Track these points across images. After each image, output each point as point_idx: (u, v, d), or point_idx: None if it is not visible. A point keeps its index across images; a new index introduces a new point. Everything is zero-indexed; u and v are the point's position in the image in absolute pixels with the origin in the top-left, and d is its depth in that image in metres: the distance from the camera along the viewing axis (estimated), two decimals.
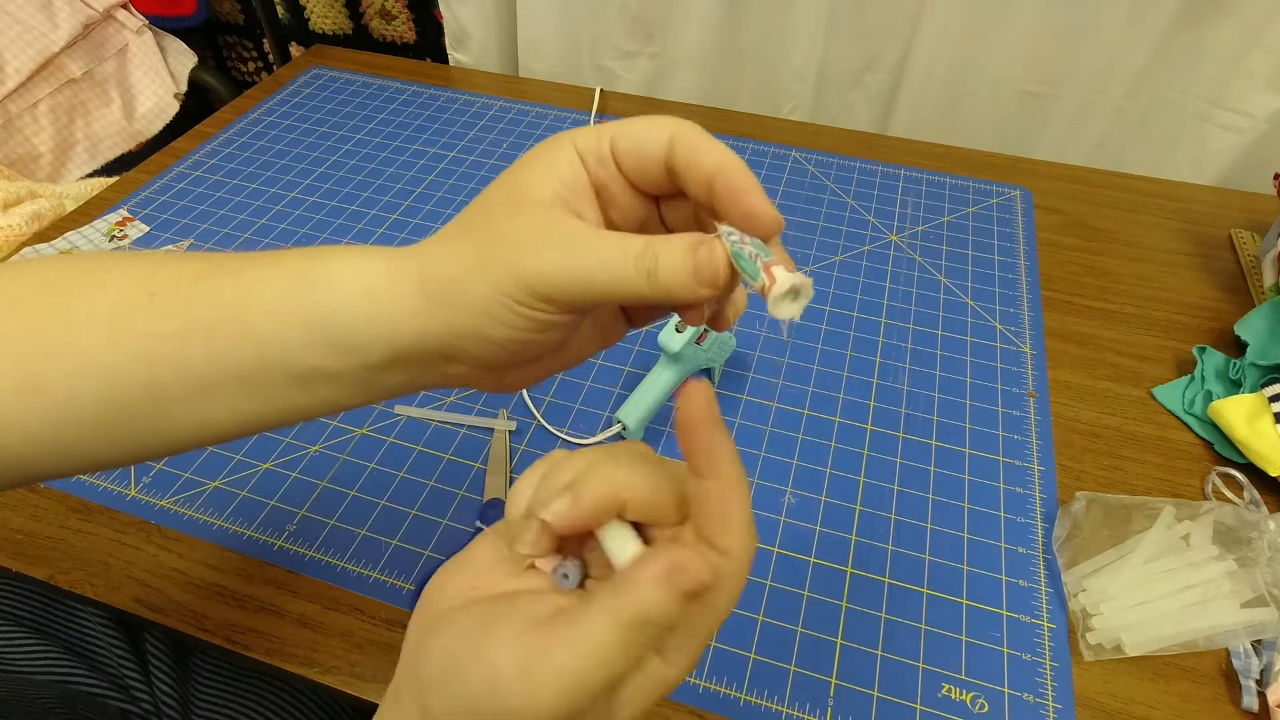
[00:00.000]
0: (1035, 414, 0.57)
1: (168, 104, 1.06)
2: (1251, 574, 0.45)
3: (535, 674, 0.20)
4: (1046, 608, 0.46)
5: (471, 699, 0.20)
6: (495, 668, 0.20)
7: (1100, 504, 0.49)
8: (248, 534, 0.49)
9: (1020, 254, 0.71)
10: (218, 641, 0.44)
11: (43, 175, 0.99)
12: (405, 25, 1.05)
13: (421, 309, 0.24)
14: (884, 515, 0.51)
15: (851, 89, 0.90)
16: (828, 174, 0.80)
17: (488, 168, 0.80)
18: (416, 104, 0.89)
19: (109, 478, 0.52)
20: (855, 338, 0.63)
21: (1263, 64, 0.75)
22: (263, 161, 0.80)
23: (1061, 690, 0.43)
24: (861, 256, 0.70)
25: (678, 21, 0.89)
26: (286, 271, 0.25)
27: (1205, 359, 0.59)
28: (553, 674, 0.20)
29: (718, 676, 0.43)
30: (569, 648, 0.20)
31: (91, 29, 1.00)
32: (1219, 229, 0.74)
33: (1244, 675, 0.43)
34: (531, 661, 0.20)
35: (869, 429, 0.56)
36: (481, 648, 0.21)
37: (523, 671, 0.20)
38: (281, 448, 0.54)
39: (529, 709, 0.19)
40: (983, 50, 0.81)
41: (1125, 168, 0.82)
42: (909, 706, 0.42)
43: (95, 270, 0.27)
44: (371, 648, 0.44)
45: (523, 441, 0.55)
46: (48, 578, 0.47)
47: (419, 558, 0.48)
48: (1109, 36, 0.77)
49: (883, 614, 0.46)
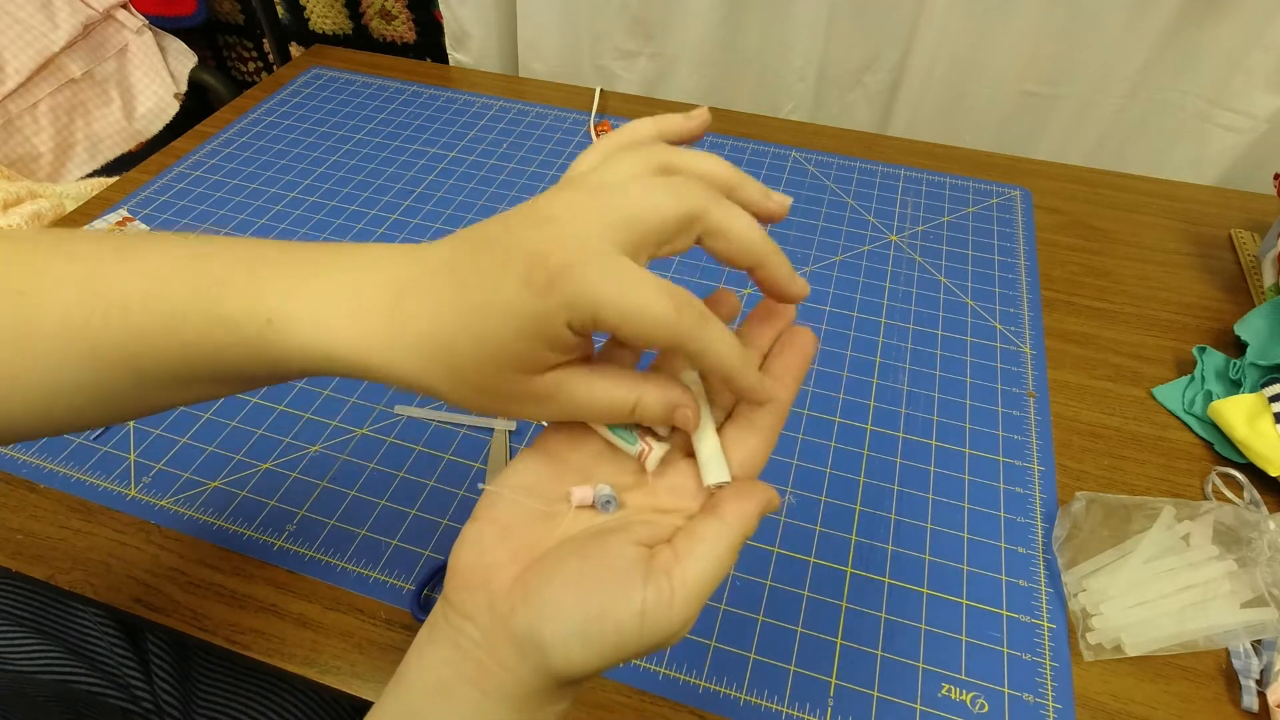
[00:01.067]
0: (1035, 414, 0.57)
1: (168, 104, 1.06)
2: (1251, 574, 0.45)
3: (676, 601, 0.24)
4: (1046, 608, 0.46)
5: (614, 646, 0.24)
6: (637, 613, 0.23)
7: (1100, 504, 0.49)
8: (248, 534, 0.49)
9: (1020, 254, 0.71)
10: (218, 641, 0.44)
11: (43, 175, 0.99)
12: (405, 25, 1.05)
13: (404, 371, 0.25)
14: (884, 515, 0.51)
15: (851, 89, 0.90)
16: (828, 174, 0.80)
17: (488, 168, 0.80)
18: (416, 104, 0.89)
19: (109, 478, 0.52)
20: (855, 338, 0.63)
21: (1263, 64, 0.75)
22: (263, 161, 0.80)
23: (1061, 690, 0.43)
24: (861, 256, 0.70)
25: (678, 21, 0.89)
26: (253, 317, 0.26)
27: (1205, 359, 0.59)
28: (689, 594, 0.24)
29: (718, 676, 0.43)
30: (698, 566, 0.24)
31: (91, 29, 1.00)
32: (1219, 229, 0.74)
33: (1244, 675, 0.43)
34: (669, 595, 0.24)
35: (869, 429, 0.56)
36: (610, 610, 0.23)
37: (665, 602, 0.24)
38: (282, 448, 0.54)
39: (675, 630, 0.24)
40: (983, 50, 0.81)
41: (1125, 168, 0.82)
42: (909, 706, 0.42)
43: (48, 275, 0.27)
44: (371, 648, 0.44)
45: (523, 441, 0.55)
46: (48, 578, 0.47)
47: (419, 558, 0.48)
48: (1109, 36, 0.77)
49: (883, 614, 0.46)
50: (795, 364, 0.28)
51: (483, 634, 0.24)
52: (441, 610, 0.26)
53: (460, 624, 0.25)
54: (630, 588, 0.24)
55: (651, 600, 0.23)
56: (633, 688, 0.43)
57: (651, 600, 0.23)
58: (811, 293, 0.66)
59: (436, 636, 0.26)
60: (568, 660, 0.23)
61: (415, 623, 0.45)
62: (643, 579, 0.24)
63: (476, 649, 0.24)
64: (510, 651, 0.24)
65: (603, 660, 0.24)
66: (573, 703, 0.26)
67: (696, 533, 0.25)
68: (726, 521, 0.25)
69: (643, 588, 0.24)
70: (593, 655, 0.23)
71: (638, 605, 0.23)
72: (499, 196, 0.76)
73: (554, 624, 0.23)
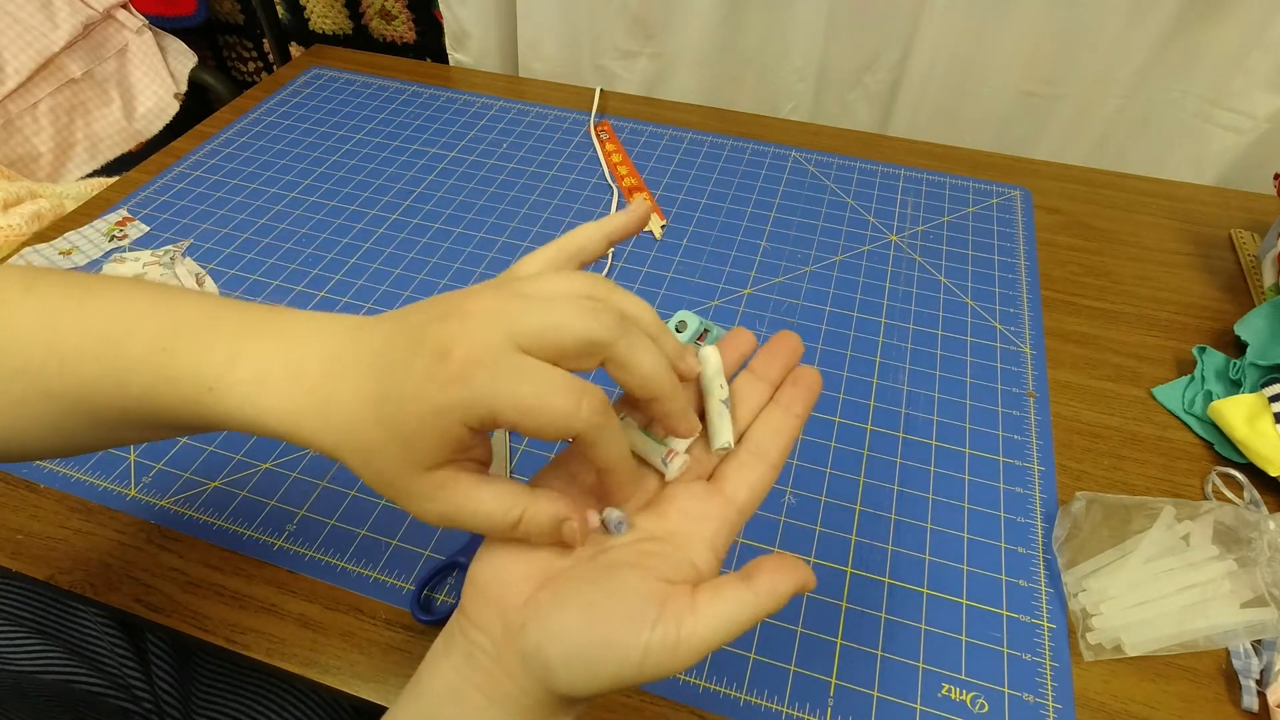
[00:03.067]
0: (1035, 414, 0.57)
1: (168, 104, 1.06)
2: (1251, 574, 0.45)
3: (680, 650, 0.24)
4: (1046, 608, 0.46)
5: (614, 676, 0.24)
6: (640, 652, 0.24)
7: (1100, 504, 0.49)
8: (248, 534, 0.49)
9: (1020, 254, 0.71)
10: (218, 641, 0.44)
11: (43, 175, 0.98)
12: (405, 25, 1.05)
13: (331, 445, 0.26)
14: (884, 515, 0.51)
15: (851, 89, 0.90)
16: (828, 174, 0.80)
17: (488, 168, 0.80)
18: (416, 104, 0.89)
19: (109, 478, 0.52)
20: (855, 338, 0.63)
21: (1263, 64, 0.75)
22: (263, 161, 0.80)
23: (1061, 690, 0.43)
24: (861, 256, 0.70)
25: (678, 21, 0.89)
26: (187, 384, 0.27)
27: (1205, 359, 0.59)
28: (695, 647, 0.24)
29: (718, 676, 0.43)
30: (710, 625, 0.25)
31: (91, 29, 1.00)
32: (1219, 229, 0.74)
33: (1244, 675, 0.43)
34: (674, 643, 0.24)
35: (869, 429, 0.56)
36: (615, 641, 0.24)
37: (669, 648, 0.24)
38: (281, 448, 0.54)
39: (676, 671, 0.24)
40: (983, 50, 0.81)
41: (1125, 168, 0.82)
42: (909, 706, 0.42)
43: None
44: (371, 648, 0.44)
45: (523, 441, 0.55)
46: (48, 578, 0.47)
47: (419, 558, 0.48)
48: (1109, 36, 0.77)
49: (883, 614, 0.46)
50: (802, 396, 0.30)
51: (494, 645, 0.25)
52: (457, 621, 0.27)
53: (474, 635, 0.26)
54: (639, 627, 0.24)
55: (657, 643, 0.24)
56: None
57: (657, 643, 0.24)
58: (811, 293, 0.66)
59: (451, 645, 0.27)
60: (570, 680, 0.24)
61: (415, 623, 0.45)
62: (652, 622, 0.24)
63: (487, 659, 0.25)
64: (517, 664, 0.25)
65: (602, 686, 0.24)
66: (578, 719, 0.27)
67: (722, 592, 0.26)
68: (755, 592, 0.25)
69: (650, 629, 0.24)
70: (593, 680, 0.24)
71: (642, 644, 0.24)
72: (499, 196, 0.76)
73: (560, 645, 0.24)
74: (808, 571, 0.26)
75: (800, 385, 0.31)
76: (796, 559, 0.27)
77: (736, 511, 0.28)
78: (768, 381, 0.31)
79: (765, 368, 0.31)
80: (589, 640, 0.24)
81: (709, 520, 0.28)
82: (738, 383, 0.31)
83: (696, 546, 0.27)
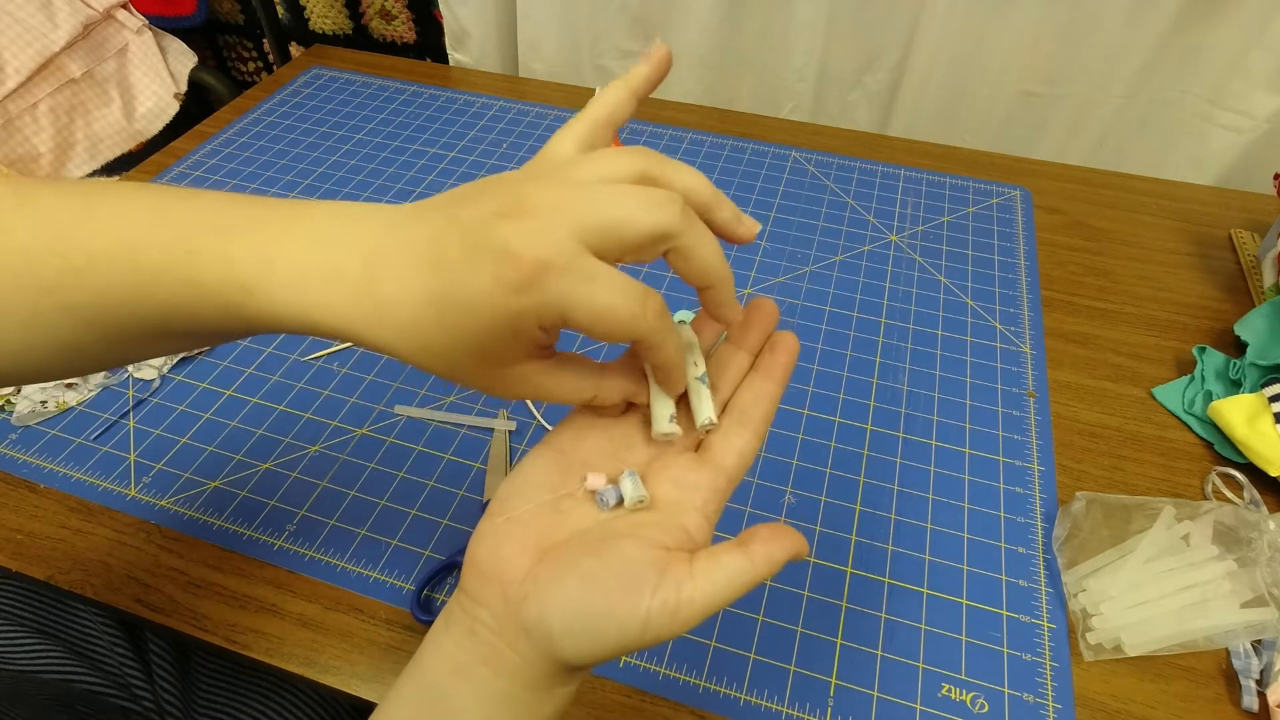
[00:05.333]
0: (1035, 414, 0.57)
1: (168, 104, 1.06)
2: (1251, 574, 0.45)
3: (679, 615, 0.25)
4: (1046, 608, 0.46)
5: (616, 643, 0.25)
6: (641, 618, 0.24)
7: (1100, 504, 0.49)
8: (248, 534, 0.49)
9: (1020, 254, 0.71)
10: (218, 641, 0.44)
11: (43, 175, 0.98)
12: (405, 25, 1.05)
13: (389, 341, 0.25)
14: (884, 515, 0.51)
15: (851, 89, 0.90)
16: (828, 174, 0.80)
17: (488, 168, 0.80)
18: (416, 104, 0.89)
19: (109, 478, 0.52)
20: (855, 338, 0.63)
21: (1263, 64, 0.75)
22: (263, 161, 0.80)
23: (1061, 690, 0.43)
24: (861, 256, 0.70)
25: (678, 21, 0.89)
26: (229, 281, 0.26)
27: (1205, 359, 0.59)
28: (694, 612, 0.25)
29: (718, 676, 0.43)
30: (708, 590, 0.25)
31: (91, 29, 1.00)
32: (1219, 229, 0.74)
33: (1244, 675, 0.43)
34: (673, 608, 0.25)
35: (869, 429, 0.56)
36: (616, 610, 0.25)
37: (669, 613, 0.25)
38: (282, 448, 0.54)
39: (676, 634, 0.25)
40: (983, 50, 0.81)
41: (1125, 168, 0.82)
42: (909, 706, 0.42)
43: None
44: (371, 648, 0.44)
45: (523, 441, 0.55)
46: (48, 578, 0.47)
47: (419, 558, 0.48)
48: (1109, 36, 0.77)
49: (883, 614, 0.46)
50: (782, 361, 0.30)
51: (496, 620, 0.26)
52: (458, 600, 0.27)
53: (475, 611, 0.26)
54: (638, 594, 0.25)
55: (656, 609, 0.25)
56: (632, 688, 0.43)
57: (656, 609, 0.25)
58: (812, 292, 0.66)
59: (452, 623, 0.27)
60: (574, 649, 0.25)
61: (415, 623, 0.45)
62: (652, 588, 0.25)
63: (490, 633, 0.26)
64: (520, 637, 0.25)
65: (605, 653, 0.25)
66: (579, 685, 0.28)
67: (718, 558, 0.26)
68: (752, 559, 0.26)
69: (650, 595, 0.25)
70: (596, 647, 0.25)
71: (643, 612, 0.25)
72: None
73: (562, 616, 0.25)
74: (801, 539, 0.27)
75: (779, 350, 0.31)
76: (788, 529, 0.27)
77: (726, 478, 0.29)
78: (747, 350, 0.31)
79: (744, 337, 0.31)
80: (590, 609, 0.25)
81: (699, 489, 0.28)
82: (718, 353, 0.31)
83: (689, 514, 0.28)
